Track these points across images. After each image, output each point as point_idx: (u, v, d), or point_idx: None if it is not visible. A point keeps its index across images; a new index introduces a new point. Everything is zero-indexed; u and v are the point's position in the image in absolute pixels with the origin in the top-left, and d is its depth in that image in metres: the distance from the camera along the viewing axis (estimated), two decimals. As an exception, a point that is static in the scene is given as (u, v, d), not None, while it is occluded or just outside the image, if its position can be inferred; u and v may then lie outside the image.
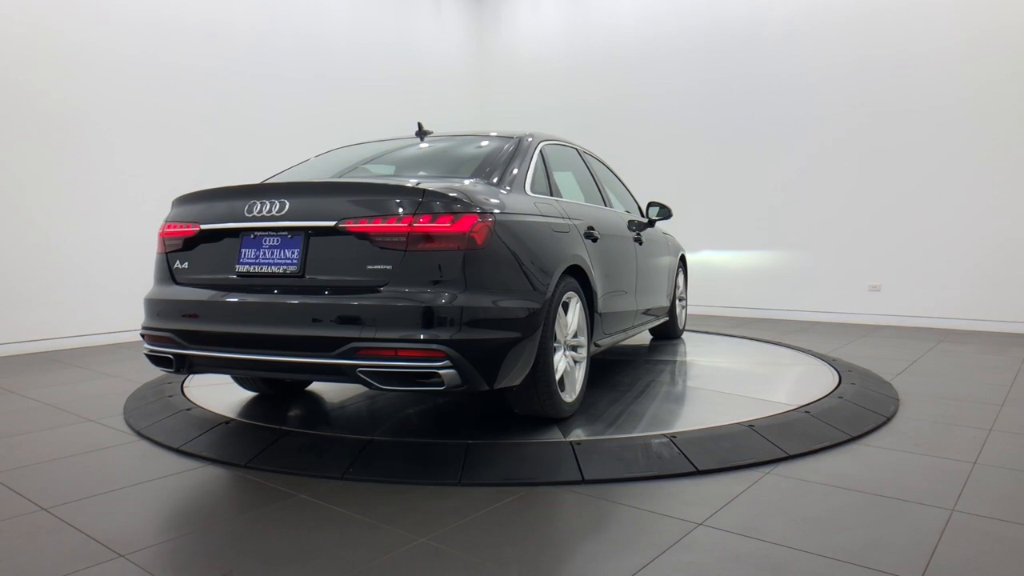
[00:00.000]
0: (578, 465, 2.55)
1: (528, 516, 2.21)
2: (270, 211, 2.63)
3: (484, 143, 3.39)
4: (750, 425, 2.93)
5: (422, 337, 2.39)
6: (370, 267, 2.48)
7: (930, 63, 6.48)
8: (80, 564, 1.89)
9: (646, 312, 4.44)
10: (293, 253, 2.60)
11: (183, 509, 2.30)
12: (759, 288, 7.53)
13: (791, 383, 3.97)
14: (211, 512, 2.26)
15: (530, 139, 3.40)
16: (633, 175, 5.06)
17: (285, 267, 2.61)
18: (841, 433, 2.97)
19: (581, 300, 3.16)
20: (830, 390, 3.59)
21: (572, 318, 3.10)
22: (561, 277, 2.94)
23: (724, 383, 3.97)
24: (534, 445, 2.75)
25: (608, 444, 2.73)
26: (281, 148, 6.40)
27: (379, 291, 2.46)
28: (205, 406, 3.39)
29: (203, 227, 2.79)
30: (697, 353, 4.93)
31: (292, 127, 7.19)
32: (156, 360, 2.89)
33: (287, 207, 2.62)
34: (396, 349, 2.40)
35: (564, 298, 2.99)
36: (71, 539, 2.06)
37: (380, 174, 3.34)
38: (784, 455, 2.71)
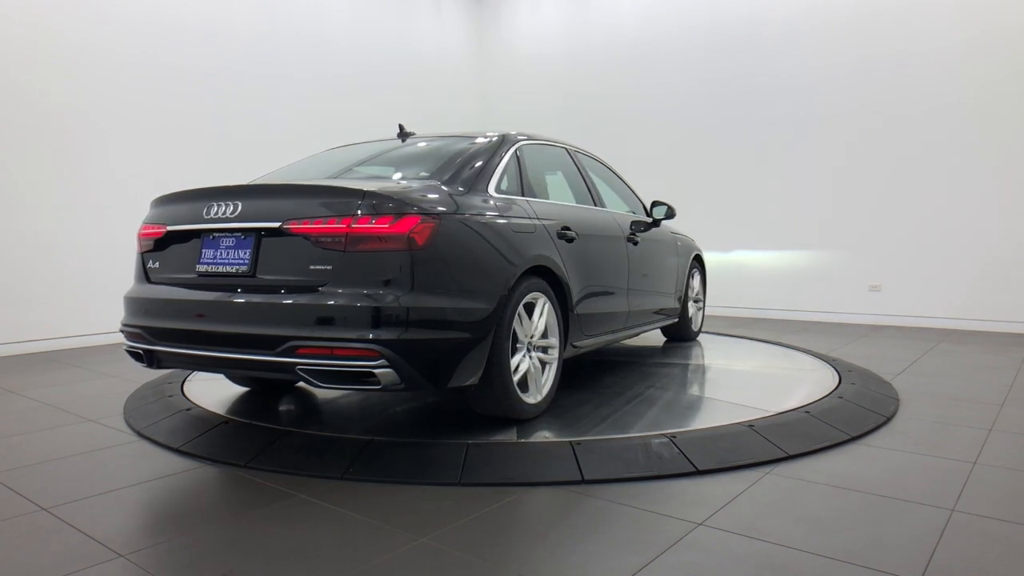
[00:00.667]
0: (578, 465, 2.55)
1: (528, 516, 2.21)
2: (225, 213, 2.73)
3: (457, 144, 3.37)
4: (750, 425, 2.93)
5: (355, 336, 2.43)
6: (312, 267, 2.54)
7: (931, 63, 6.47)
8: (80, 564, 1.89)
9: (645, 313, 4.38)
10: (245, 253, 2.69)
11: (183, 509, 2.30)
12: (759, 288, 7.53)
13: (791, 383, 3.97)
14: (211, 512, 2.26)
15: (505, 140, 3.41)
16: (632, 174, 5.03)
17: (238, 267, 2.70)
18: (841, 433, 2.97)
19: (551, 301, 3.16)
20: (830, 390, 3.59)
21: (538, 319, 3.08)
22: (522, 277, 2.94)
23: (724, 383, 3.97)
24: (534, 445, 2.75)
25: (608, 444, 2.73)
26: (281, 148, 6.39)
27: (318, 291, 2.52)
28: (205, 406, 3.39)
29: (169, 228, 2.92)
30: (697, 353, 4.92)
31: (292, 127, 7.19)
32: (131, 354, 3.02)
33: (239, 209, 2.70)
34: (332, 348, 2.45)
35: (527, 299, 3.00)
36: (71, 539, 2.06)
37: (342, 175, 3.28)
38: (784, 455, 2.71)
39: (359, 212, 2.52)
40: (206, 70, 6.61)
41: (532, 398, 3.04)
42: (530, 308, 3.06)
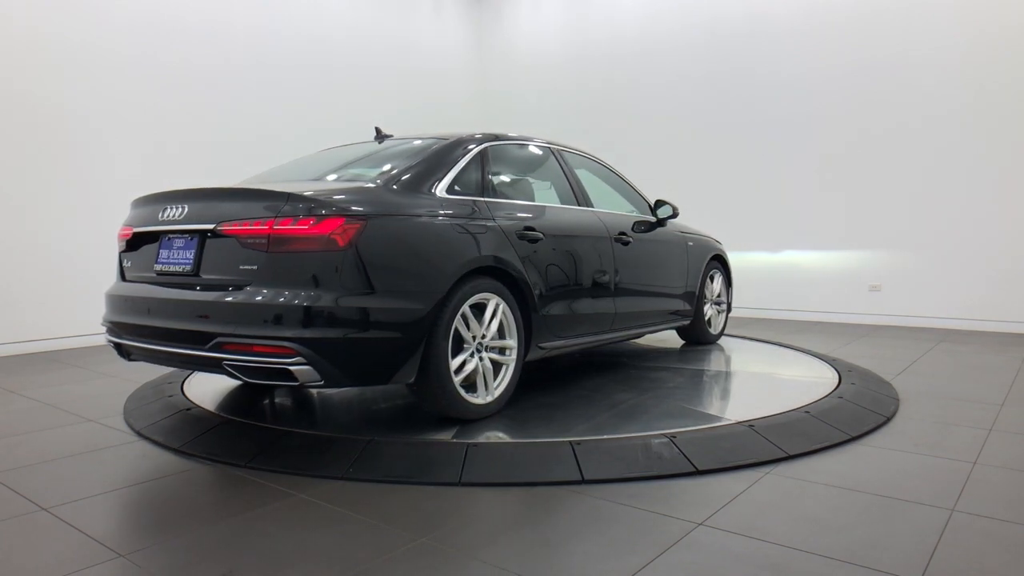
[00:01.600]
0: (578, 465, 2.55)
1: (528, 516, 2.21)
2: (175, 216, 2.91)
3: (420, 146, 3.39)
4: (750, 425, 2.93)
5: (272, 334, 2.52)
6: (241, 267, 2.66)
7: (931, 63, 6.47)
8: (80, 564, 1.89)
9: (641, 315, 4.30)
10: (190, 254, 2.83)
11: (184, 509, 2.30)
12: (759, 288, 7.53)
13: (791, 383, 3.97)
14: (211, 512, 2.26)
15: (469, 141, 3.43)
16: (633, 173, 5.02)
17: (184, 267, 2.84)
18: (841, 433, 2.97)
19: (507, 302, 3.16)
20: (830, 390, 3.59)
21: (490, 320, 3.08)
22: (468, 278, 2.96)
23: (724, 383, 3.97)
24: (534, 445, 2.75)
25: (608, 444, 2.73)
26: (281, 148, 6.39)
27: (244, 289, 2.63)
28: (205, 406, 3.39)
29: (135, 230, 3.12)
30: (698, 353, 4.92)
31: (292, 127, 7.19)
32: (112, 347, 3.21)
33: (186, 212, 2.87)
34: (252, 345, 2.55)
35: (476, 299, 3.01)
36: (71, 539, 2.06)
37: (297, 178, 3.31)
38: (784, 455, 2.71)
39: (282, 214, 2.61)
40: (206, 70, 6.62)
41: (480, 399, 3.05)
42: (484, 308, 3.08)
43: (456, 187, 3.19)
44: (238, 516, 2.22)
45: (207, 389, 3.78)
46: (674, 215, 4.60)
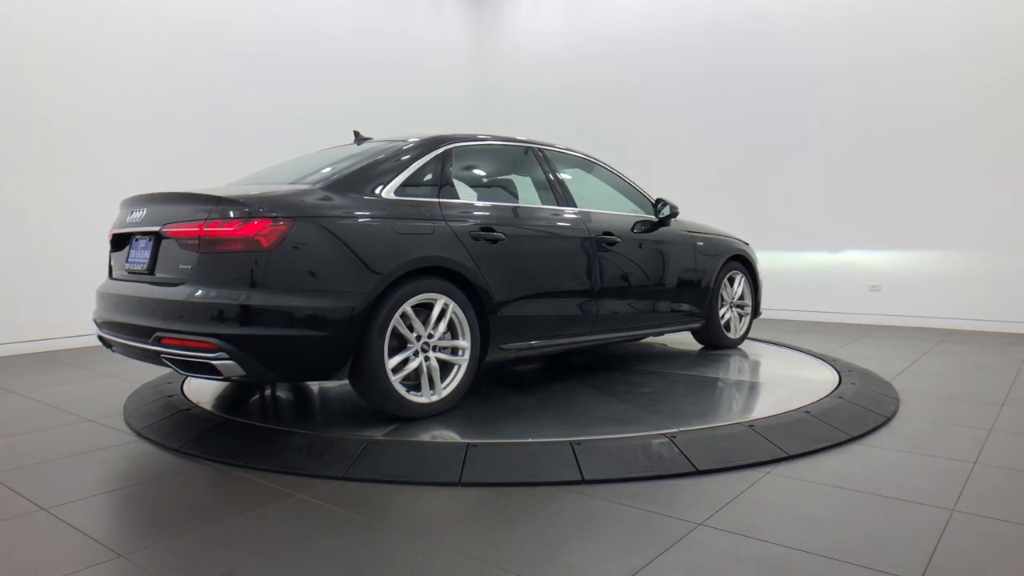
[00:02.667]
0: (578, 465, 2.55)
1: (528, 516, 2.21)
2: (137, 218, 3.12)
3: (381, 149, 3.43)
4: (750, 425, 2.93)
5: (197, 330, 2.68)
6: (180, 266, 2.83)
7: (931, 63, 6.47)
8: (80, 564, 1.89)
9: (631, 317, 4.16)
10: (147, 254, 3.03)
11: (183, 509, 2.30)
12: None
13: (791, 383, 3.97)
14: (211, 512, 2.26)
15: (430, 143, 3.46)
16: (632, 173, 5.00)
17: (142, 266, 3.04)
18: (841, 433, 2.97)
19: (458, 302, 3.18)
20: (830, 390, 3.59)
21: (436, 320, 3.10)
22: (408, 278, 3.00)
23: (725, 382, 3.97)
24: (534, 445, 2.75)
25: (608, 444, 2.73)
26: (281, 148, 6.39)
27: (179, 287, 2.80)
28: (205, 406, 3.39)
29: (114, 231, 3.34)
30: (698, 353, 4.92)
31: (292, 127, 7.19)
32: (99, 339, 3.37)
33: (145, 215, 3.08)
34: (182, 339, 2.71)
35: (421, 299, 3.05)
36: (71, 539, 2.07)
37: (275, 180, 3.37)
38: (784, 455, 2.71)
39: (212, 217, 2.78)
40: (206, 70, 6.61)
41: (424, 397, 3.07)
42: (428, 308, 3.11)
43: (408, 188, 3.25)
44: (238, 516, 2.22)
45: (207, 389, 3.78)
46: (673, 214, 4.48)
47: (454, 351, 3.21)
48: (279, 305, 2.71)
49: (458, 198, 3.43)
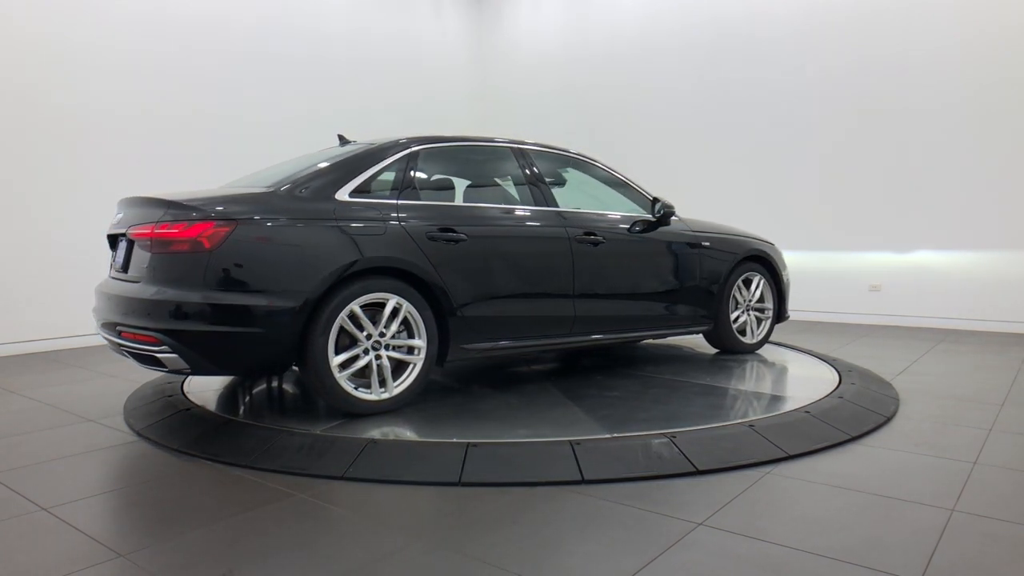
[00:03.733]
0: (578, 465, 2.55)
1: (528, 516, 2.21)
2: (117, 220, 3.31)
3: (347, 152, 3.51)
4: (750, 425, 2.93)
5: (142, 325, 2.88)
6: (142, 266, 3.01)
7: (931, 63, 6.47)
8: (80, 564, 1.89)
9: (618, 319, 4.05)
10: (123, 254, 3.22)
11: (183, 509, 2.30)
12: (759, 288, 7.52)
13: (791, 383, 3.97)
14: (211, 512, 2.26)
15: (393, 146, 3.50)
16: (631, 172, 4.99)
17: (121, 265, 3.24)
18: (841, 433, 2.97)
19: (414, 302, 3.22)
20: (830, 390, 3.58)
21: (389, 319, 3.16)
22: (357, 278, 3.07)
23: (724, 382, 3.97)
24: (534, 445, 2.75)
25: (608, 444, 2.73)
26: (281, 148, 6.39)
27: (136, 285, 3.00)
28: (205, 406, 3.39)
29: (108, 232, 3.48)
30: (698, 352, 4.92)
31: (293, 128, 7.19)
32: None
33: (121, 217, 3.27)
34: (135, 333, 2.91)
35: (371, 298, 3.11)
36: (71, 539, 2.07)
37: (256, 184, 3.41)
38: (784, 455, 2.71)
39: (163, 219, 2.94)
40: (206, 70, 6.61)
41: (374, 395, 3.14)
42: (380, 307, 3.16)
43: (365, 190, 3.32)
44: (238, 516, 2.22)
45: (207, 389, 3.78)
46: (667, 213, 4.29)
47: (410, 350, 3.25)
48: (219, 302, 2.84)
49: (420, 199, 3.47)
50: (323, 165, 3.36)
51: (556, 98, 9.01)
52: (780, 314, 4.96)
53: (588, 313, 3.89)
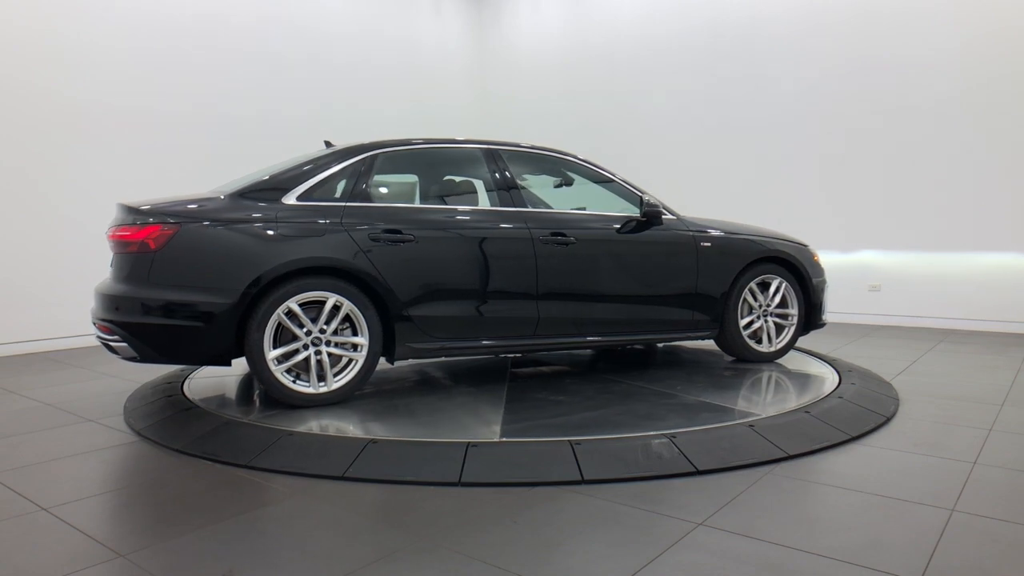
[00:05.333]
0: (578, 465, 2.55)
1: (528, 516, 2.21)
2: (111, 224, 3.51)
3: (307, 158, 3.66)
4: (750, 425, 2.93)
5: (101, 317, 3.26)
6: (115, 265, 3.32)
7: (931, 63, 6.47)
8: (80, 564, 1.89)
9: (594, 323, 3.91)
10: (111, 255, 3.45)
11: (183, 509, 2.30)
12: (759, 288, 7.52)
13: (791, 383, 3.97)
14: (211, 512, 2.26)
15: (349, 151, 3.63)
16: (631, 173, 4.98)
17: (109, 264, 3.46)
18: (841, 433, 2.97)
19: (355, 301, 3.33)
20: (830, 390, 3.58)
21: (328, 317, 3.29)
22: (294, 277, 3.23)
23: (724, 382, 3.97)
24: (534, 445, 2.75)
25: (608, 444, 2.73)
26: (282, 148, 6.39)
27: (107, 281, 3.35)
28: (205, 406, 3.39)
29: (107, 234, 3.59)
30: (698, 352, 4.92)
31: (293, 128, 7.18)
32: None
33: (112, 221, 3.46)
34: (100, 324, 3.28)
35: (309, 296, 3.26)
36: (71, 539, 2.07)
37: (223, 188, 3.60)
38: (784, 455, 2.71)
39: (121, 222, 3.27)
40: (206, 71, 6.61)
41: (311, 388, 3.30)
42: (322, 304, 3.31)
43: (314, 194, 3.46)
44: (238, 516, 2.22)
45: (207, 389, 3.78)
46: (654, 212, 4.05)
47: (355, 347, 3.38)
48: (161, 298, 3.14)
49: (371, 202, 3.57)
50: (279, 170, 3.57)
51: (556, 98, 9.01)
52: (812, 321, 4.52)
53: (556, 315, 3.77)
